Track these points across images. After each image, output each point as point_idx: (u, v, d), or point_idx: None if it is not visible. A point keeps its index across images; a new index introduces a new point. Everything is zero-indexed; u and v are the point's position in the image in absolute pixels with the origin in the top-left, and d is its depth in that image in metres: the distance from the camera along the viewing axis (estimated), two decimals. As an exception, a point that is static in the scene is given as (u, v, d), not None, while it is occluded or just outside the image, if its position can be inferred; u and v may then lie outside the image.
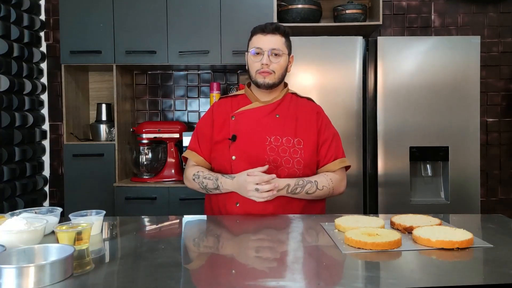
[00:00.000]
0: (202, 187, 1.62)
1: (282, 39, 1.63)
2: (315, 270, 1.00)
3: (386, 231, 1.18)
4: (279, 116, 1.64)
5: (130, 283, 0.92)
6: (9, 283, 0.84)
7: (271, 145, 1.58)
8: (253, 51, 1.61)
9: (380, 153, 2.30)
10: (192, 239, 1.31)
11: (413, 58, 2.29)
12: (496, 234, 1.28)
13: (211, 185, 1.59)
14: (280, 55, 1.61)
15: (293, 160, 1.58)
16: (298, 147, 1.59)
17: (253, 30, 1.67)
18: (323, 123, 1.68)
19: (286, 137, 1.59)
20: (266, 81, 1.61)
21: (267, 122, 1.62)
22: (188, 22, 2.53)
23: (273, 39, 1.61)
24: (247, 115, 1.64)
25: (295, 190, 1.55)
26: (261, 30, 1.62)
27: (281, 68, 1.63)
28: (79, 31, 2.53)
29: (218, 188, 1.58)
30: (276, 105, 1.66)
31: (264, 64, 1.59)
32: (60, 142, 2.91)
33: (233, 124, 1.63)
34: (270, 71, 1.60)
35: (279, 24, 1.64)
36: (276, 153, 1.58)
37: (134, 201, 2.46)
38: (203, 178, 1.61)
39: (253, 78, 1.63)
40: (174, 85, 2.96)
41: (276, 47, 1.60)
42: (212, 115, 1.70)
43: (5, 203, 2.41)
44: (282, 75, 1.65)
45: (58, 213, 1.32)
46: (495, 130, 2.90)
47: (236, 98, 1.73)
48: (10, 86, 2.42)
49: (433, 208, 2.29)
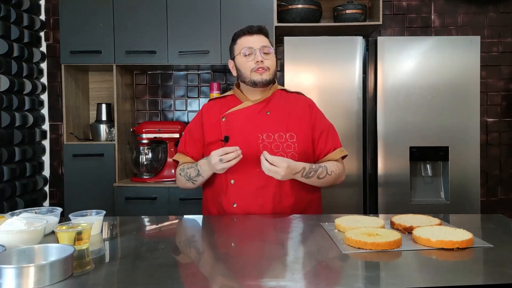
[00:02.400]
0: (187, 178, 1.64)
1: (267, 39, 1.67)
2: (315, 270, 1.00)
3: (386, 231, 1.18)
4: (269, 113, 1.64)
5: (130, 283, 0.92)
6: (9, 283, 0.84)
7: (263, 143, 1.60)
8: (244, 51, 1.62)
9: (380, 153, 2.30)
10: (192, 239, 1.31)
11: (413, 58, 2.29)
12: (496, 234, 1.28)
13: (193, 173, 1.62)
14: (270, 53, 1.64)
15: (287, 155, 1.59)
16: (291, 141, 1.60)
17: (235, 35, 1.69)
18: (317, 116, 1.70)
19: (278, 133, 1.60)
20: (264, 78, 1.61)
21: (258, 120, 1.63)
22: (188, 22, 2.53)
23: (260, 38, 1.64)
24: (238, 115, 1.65)
25: (309, 173, 1.56)
26: (247, 32, 1.65)
27: (273, 64, 1.66)
28: (79, 31, 2.53)
29: (199, 173, 1.60)
30: (266, 102, 1.67)
31: (259, 61, 1.60)
32: (60, 142, 2.91)
33: (224, 125, 1.63)
34: (265, 67, 1.61)
35: (261, 26, 1.68)
36: (269, 150, 1.58)
37: (134, 201, 2.46)
38: (187, 169, 1.65)
39: (249, 78, 1.63)
40: (174, 85, 2.96)
41: (265, 44, 1.63)
42: (201, 118, 1.71)
43: (5, 203, 2.41)
44: (275, 71, 1.67)
45: (58, 213, 1.32)
46: (495, 130, 2.90)
47: (225, 99, 1.73)
48: (10, 86, 2.42)
49: (433, 208, 2.29)
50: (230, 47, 1.72)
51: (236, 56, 1.67)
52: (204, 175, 1.60)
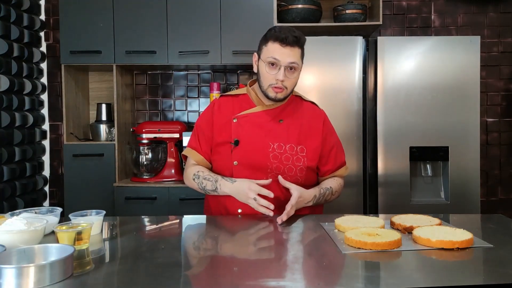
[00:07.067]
0: (201, 187, 1.59)
1: (300, 51, 1.54)
2: (315, 270, 1.00)
3: (386, 231, 1.18)
4: (282, 121, 1.60)
5: (130, 283, 0.92)
6: (9, 283, 0.84)
7: (274, 152, 1.55)
8: (270, 61, 1.51)
9: (380, 153, 2.30)
10: (192, 239, 1.31)
11: (413, 58, 2.29)
12: (496, 234, 1.28)
13: (209, 187, 1.57)
14: (296, 69, 1.54)
15: (296, 168, 1.56)
16: (301, 155, 1.57)
17: (270, 34, 1.54)
18: (328, 131, 1.67)
19: (289, 144, 1.57)
20: (278, 97, 1.55)
21: (270, 127, 1.58)
22: (188, 22, 2.53)
23: (292, 52, 1.51)
24: (250, 118, 1.59)
25: (319, 199, 1.58)
26: (281, 41, 1.50)
27: (294, 83, 1.57)
28: (79, 31, 2.53)
29: (216, 190, 1.55)
30: (280, 110, 1.61)
31: (279, 80, 1.51)
32: (60, 142, 2.91)
33: (235, 127, 1.59)
34: (283, 87, 1.53)
35: (300, 35, 1.54)
36: (279, 160, 1.55)
37: (134, 201, 2.46)
38: (203, 179, 1.58)
39: (264, 90, 1.55)
40: (174, 85, 2.97)
41: (294, 60, 1.51)
42: (212, 115, 1.64)
43: (5, 203, 2.41)
44: (293, 89, 1.60)
45: (58, 213, 1.31)
46: (495, 130, 2.90)
47: (238, 98, 1.67)
48: (10, 86, 2.42)
49: (433, 208, 2.29)
50: (260, 41, 1.58)
51: (261, 60, 1.55)
52: (221, 193, 1.55)
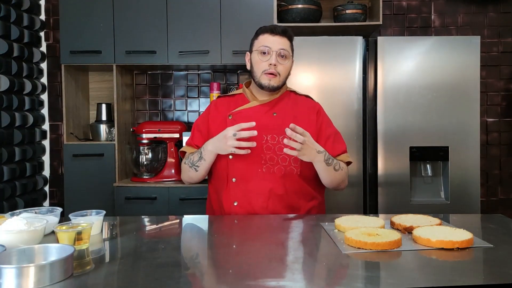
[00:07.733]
0: (190, 164, 1.64)
1: (289, 42, 1.65)
2: (315, 270, 1.00)
3: (386, 231, 1.18)
4: (276, 114, 1.64)
5: (130, 283, 0.92)
6: (9, 283, 0.84)
7: (267, 144, 1.60)
8: (262, 49, 1.61)
9: (380, 153, 2.30)
10: (192, 239, 1.31)
11: (413, 58, 2.29)
12: (496, 234, 1.28)
13: (196, 157, 1.62)
14: (287, 57, 1.63)
15: (290, 158, 1.59)
16: None
17: (259, 30, 1.67)
18: (324, 121, 1.70)
19: (282, 135, 1.59)
20: (271, 84, 1.61)
21: (264, 120, 1.62)
22: (188, 22, 2.53)
23: (281, 41, 1.62)
24: (245, 114, 1.65)
25: (328, 160, 1.57)
26: (270, 31, 1.62)
27: (286, 71, 1.64)
28: (79, 31, 2.53)
29: (201, 155, 1.60)
30: (274, 103, 1.67)
31: (272, 64, 1.59)
32: (60, 142, 2.91)
33: (230, 123, 1.63)
34: (276, 73, 1.60)
35: (287, 28, 1.66)
36: (273, 151, 1.58)
37: (134, 201, 2.46)
38: (191, 156, 1.66)
39: (257, 79, 1.63)
40: (174, 85, 2.96)
41: (284, 47, 1.61)
42: (209, 114, 1.72)
43: (5, 203, 2.41)
44: (286, 78, 1.66)
45: (58, 213, 1.32)
46: (495, 130, 2.90)
47: (234, 97, 1.74)
48: (10, 86, 2.42)
49: (433, 208, 2.29)
50: (251, 40, 1.71)
51: (254, 51, 1.66)
52: (207, 157, 1.59)
